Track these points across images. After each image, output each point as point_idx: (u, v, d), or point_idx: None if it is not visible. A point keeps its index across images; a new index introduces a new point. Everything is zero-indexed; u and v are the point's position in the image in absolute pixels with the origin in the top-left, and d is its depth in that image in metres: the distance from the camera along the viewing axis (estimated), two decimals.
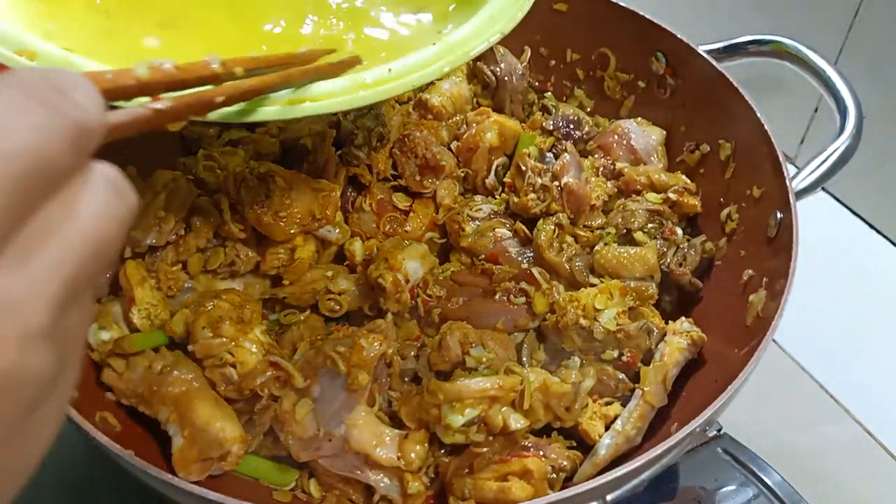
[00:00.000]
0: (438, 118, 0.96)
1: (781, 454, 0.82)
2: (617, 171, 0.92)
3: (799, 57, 0.86)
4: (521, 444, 0.70)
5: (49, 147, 0.23)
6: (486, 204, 0.89)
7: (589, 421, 0.73)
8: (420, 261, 0.80)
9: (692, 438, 0.62)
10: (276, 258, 0.81)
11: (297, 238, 0.80)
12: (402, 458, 0.69)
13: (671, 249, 0.85)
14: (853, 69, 0.92)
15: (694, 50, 0.90)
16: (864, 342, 0.99)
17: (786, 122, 1.14)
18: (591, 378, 0.75)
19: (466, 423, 0.68)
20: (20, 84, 0.23)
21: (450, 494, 0.70)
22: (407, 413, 0.72)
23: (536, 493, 0.66)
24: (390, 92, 0.60)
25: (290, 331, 0.77)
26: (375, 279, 0.77)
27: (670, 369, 0.74)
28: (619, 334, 0.75)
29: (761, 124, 0.80)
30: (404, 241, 0.83)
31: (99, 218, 0.25)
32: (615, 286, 0.78)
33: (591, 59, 1.02)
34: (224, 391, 0.70)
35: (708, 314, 0.82)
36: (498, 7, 0.67)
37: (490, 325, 0.78)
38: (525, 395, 0.69)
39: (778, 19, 1.11)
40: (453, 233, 0.87)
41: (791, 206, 0.74)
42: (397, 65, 0.61)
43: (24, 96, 0.23)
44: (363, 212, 0.88)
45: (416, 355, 0.77)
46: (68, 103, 0.24)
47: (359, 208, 0.88)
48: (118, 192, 0.26)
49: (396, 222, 0.88)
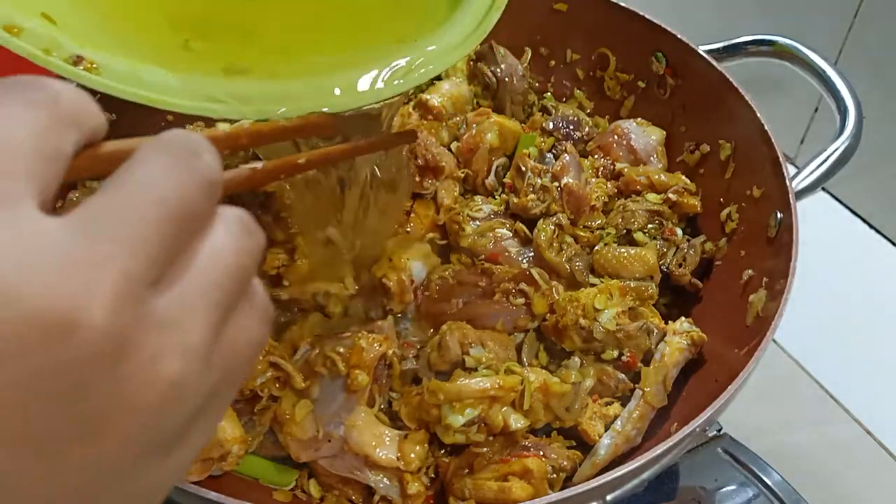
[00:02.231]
0: (438, 119, 0.96)
1: (781, 454, 0.82)
2: (617, 171, 0.92)
3: (799, 57, 0.86)
4: (521, 444, 0.70)
5: (192, 196, 0.28)
6: (487, 204, 0.89)
7: (589, 421, 0.73)
8: (423, 260, 0.81)
9: (692, 438, 0.62)
10: (276, 258, 0.80)
11: (298, 238, 0.80)
12: (402, 458, 0.69)
13: (671, 250, 0.85)
14: (853, 69, 0.92)
15: (694, 50, 0.90)
16: (864, 342, 0.99)
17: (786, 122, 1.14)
18: (591, 378, 0.75)
19: (466, 423, 0.68)
20: (167, 148, 0.29)
21: (450, 494, 0.70)
22: (407, 413, 0.72)
23: (536, 493, 0.66)
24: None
25: (291, 331, 0.77)
26: (380, 279, 0.77)
27: (670, 369, 0.74)
28: (619, 334, 0.75)
29: (761, 124, 0.80)
30: (407, 240, 0.84)
31: (235, 252, 0.30)
32: (615, 286, 0.78)
33: (591, 60, 1.02)
34: None
35: (708, 314, 0.83)
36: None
37: (490, 326, 0.78)
38: (525, 395, 0.69)
39: (778, 19, 1.11)
40: (453, 233, 0.87)
41: (791, 206, 0.74)
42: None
43: (170, 157, 0.28)
44: None
45: (415, 356, 0.77)
46: (202, 163, 0.29)
47: None
48: (248, 231, 0.31)
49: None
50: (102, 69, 0.54)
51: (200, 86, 0.56)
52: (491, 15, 0.65)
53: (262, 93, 0.56)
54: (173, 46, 0.60)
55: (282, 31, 0.64)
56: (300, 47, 0.63)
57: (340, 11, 0.67)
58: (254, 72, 0.58)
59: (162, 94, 0.55)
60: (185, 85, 0.56)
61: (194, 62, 0.58)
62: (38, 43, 0.55)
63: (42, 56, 0.55)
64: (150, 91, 0.55)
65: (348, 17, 0.67)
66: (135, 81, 0.55)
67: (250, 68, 0.59)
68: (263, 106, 0.55)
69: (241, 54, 0.60)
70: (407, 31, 0.65)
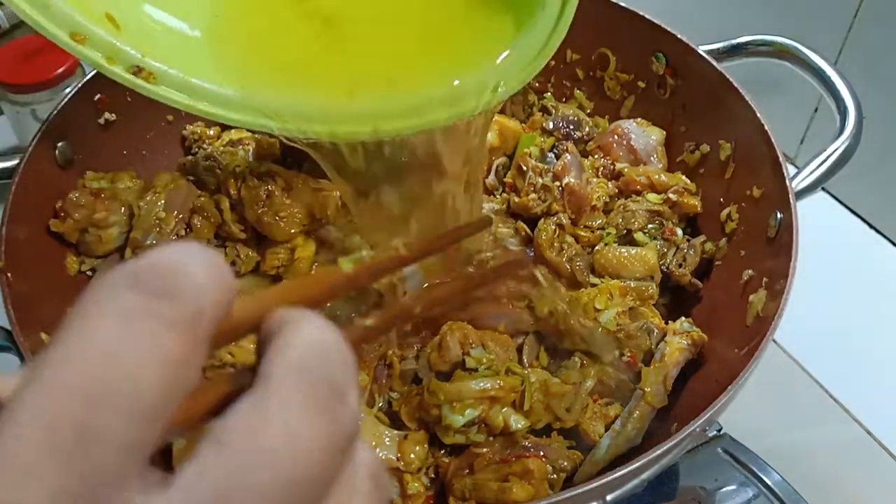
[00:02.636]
0: None
1: (781, 454, 0.82)
2: (617, 171, 0.92)
3: (799, 57, 0.86)
4: (521, 445, 0.70)
5: (330, 462, 0.22)
6: (488, 203, 0.90)
7: (589, 421, 0.73)
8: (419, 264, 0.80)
9: (692, 438, 0.62)
10: (276, 258, 0.81)
11: (298, 238, 0.80)
12: (402, 458, 0.69)
13: (671, 250, 0.85)
14: (853, 69, 0.92)
15: (694, 50, 0.90)
16: (864, 342, 0.99)
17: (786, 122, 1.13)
18: (592, 378, 0.75)
19: (467, 423, 0.68)
20: (303, 388, 0.22)
21: (450, 495, 0.70)
22: (407, 413, 0.72)
23: (537, 494, 0.66)
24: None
25: None
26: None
27: (670, 369, 0.74)
28: (619, 334, 0.75)
29: (761, 124, 0.80)
30: None
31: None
32: (615, 286, 0.78)
33: (590, 60, 1.02)
34: None
35: (708, 314, 0.83)
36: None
37: (491, 327, 0.78)
38: (525, 395, 0.69)
39: (778, 19, 1.11)
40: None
41: (791, 207, 0.74)
42: None
43: (308, 401, 0.21)
44: None
45: (415, 356, 0.77)
46: (346, 409, 0.22)
47: None
48: (379, 486, 0.25)
49: None
50: (160, 78, 0.55)
51: (258, 100, 0.57)
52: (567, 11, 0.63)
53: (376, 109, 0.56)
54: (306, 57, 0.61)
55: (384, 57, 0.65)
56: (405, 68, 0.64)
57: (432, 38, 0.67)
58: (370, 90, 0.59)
59: (218, 106, 0.56)
60: (242, 99, 0.56)
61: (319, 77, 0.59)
62: (102, 50, 0.56)
63: (106, 65, 0.57)
64: (207, 103, 0.55)
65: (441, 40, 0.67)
66: (191, 92, 0.56)
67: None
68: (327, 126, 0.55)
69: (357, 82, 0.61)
70: (499, 36, 0.65)
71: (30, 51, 1.07)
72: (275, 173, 0.79)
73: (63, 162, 0.83)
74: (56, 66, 1.05)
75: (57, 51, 1.09)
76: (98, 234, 0.82)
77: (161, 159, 0.96)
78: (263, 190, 0.78)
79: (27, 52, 1.07)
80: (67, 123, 0.83)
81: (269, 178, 0.79)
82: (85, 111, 0.87)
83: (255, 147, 0.92)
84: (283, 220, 0.78)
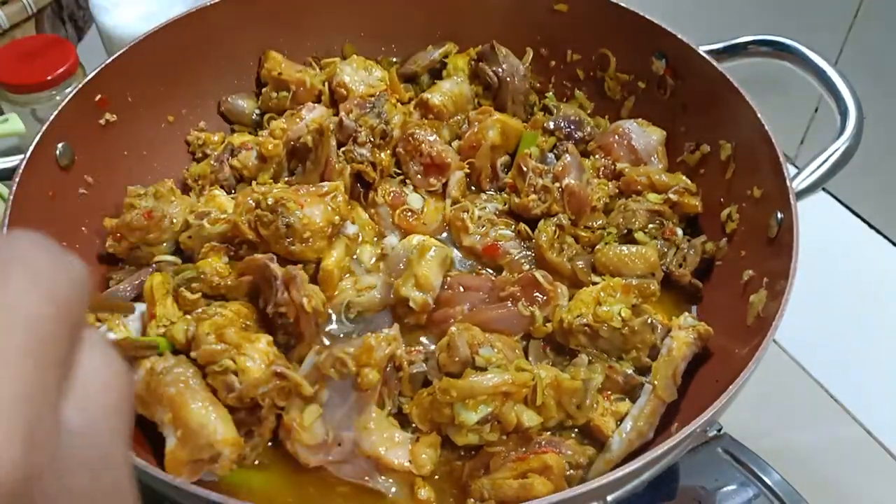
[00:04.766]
0: (439, 118, 0.96)
1: (781, 454, 0.82)
2: (617, 171, 0.92)
3: (799, 57, 0.86)
4: (535, 442, 0.70)
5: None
6: (490, 202, 0.90)
7: (601, 417, 0.73)
8: (440, 268, 0.81)
9: (692, 439, 0.62)
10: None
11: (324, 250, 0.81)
12: (414, 461, 0.68)
13: (671, 250, 0.85)
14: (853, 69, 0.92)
15: (694, 50, 0.90)
16: (864, 342, 0.99)
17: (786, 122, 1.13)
18: (600, 374, 0.75)
19: (480, 420, 0.67)
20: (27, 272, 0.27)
21: (468, 497, 0.69)
22: (418, 415, 0.71)
23: (557, 489, 0.66)
24: None
25: (297, 349, 0.76)
26: (403, 297, 0.78)
27: (679, 363, 0.74)
28: (623, 330, 0.75)
29: (761, 124, 0.80)
30: (429, 248, 0.81)
31: None
32: (617, 284, 0.78)
33: (591, 60, 1.02)
34: (225, 399, 0.69)
35: (708, 314, 0.83)
36: None
37: (497, 330, 0.77)
38: (538, 391, 0.69)
39: (778, 19, 1.11)
40: (456, 230, 0.87)
41: (791, 207, 0.74)
42: None
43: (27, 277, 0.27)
44: (378, 205, 0.89)
45: (424, 359, 0.76)
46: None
47: (373, 202, 0.89)
48: (118, 408, 0.29)
49: (412, 214, 0.89)
50: None
51: None
52: None
53: None
54: None
55: None
56: None
57: None
58: None
59: None
60: None
61: None
62: None
63: None
64: None
65: None
66: None
67: None
68: None
69: None
70: None
71: (30, 51, 1.07)
72: (284, 201, 0.78)
73: (63, 162, 0.83)
74: (56, 67, 1.05)
75: (57, 51, 1.09)
76: (150, 250, 0.85)
77: (161, 160, 0.96)
78: (282, 221, 0.78)
79: (27, 52, 1.07)
80: (68, 124, 0.83)
81: (282, 207, 0.78)
82: (85, 111, 0.87)
83: (259, 150, 0.92)
84: (309, 241, 0.79)
